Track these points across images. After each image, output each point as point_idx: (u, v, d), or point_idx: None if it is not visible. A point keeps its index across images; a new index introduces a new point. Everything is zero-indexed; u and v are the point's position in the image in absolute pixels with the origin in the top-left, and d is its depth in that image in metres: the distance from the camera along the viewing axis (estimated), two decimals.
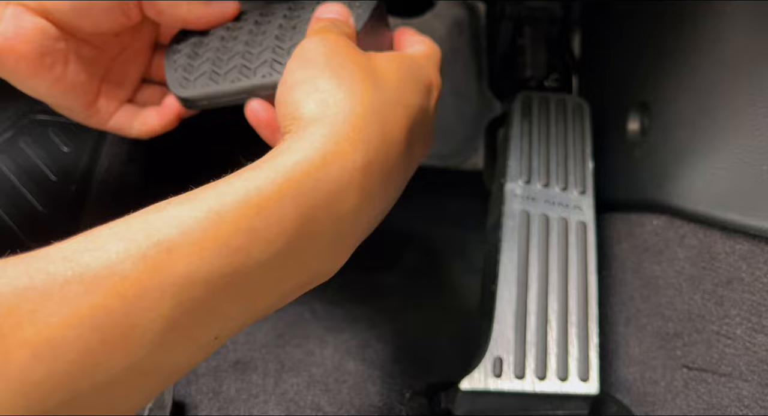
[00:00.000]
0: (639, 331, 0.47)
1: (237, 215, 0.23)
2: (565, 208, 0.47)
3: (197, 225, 0.22)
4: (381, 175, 0.29)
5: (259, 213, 0.24)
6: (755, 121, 0.38)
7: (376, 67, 0.32)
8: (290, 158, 0.26)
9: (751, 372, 0.38)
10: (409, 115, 0.31)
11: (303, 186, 0.25)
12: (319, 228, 0.26)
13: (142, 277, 0.21)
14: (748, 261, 0.38)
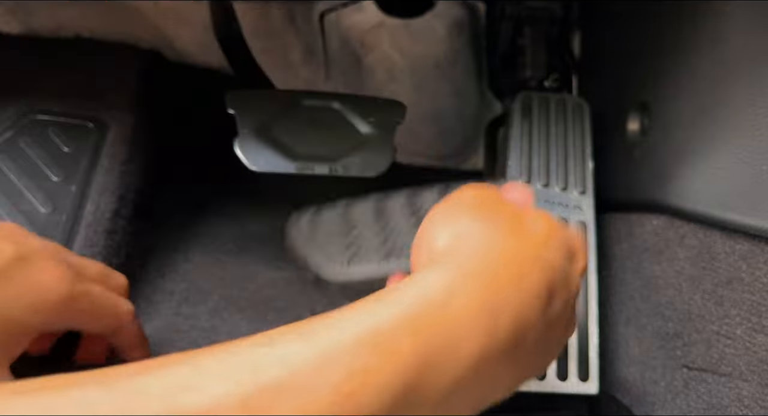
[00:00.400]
0: (639, 331, 0.47)
1: (351, 355, 0.21)
2: (565, 207, 0.47)
3: (308, 367, 0.20)
4: (513, 329, 0.25)
5: (373, 351, 0.21)
6: (755, 121, 0.38)
7: (524, 219, 0.30)
8: (412, 291, 0.24)
9: (751, 372, 0.38)
10: (549, 274, 0.28)
11: (421, 320, 0.23)
12: (438, 373, 0.23)
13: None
14: (748, 261, 0.38)
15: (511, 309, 0.25)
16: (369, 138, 0.47)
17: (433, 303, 0.23)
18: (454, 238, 0.27)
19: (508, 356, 0.25)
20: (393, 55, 0.67)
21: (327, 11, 0.66)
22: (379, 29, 0.66)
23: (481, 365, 0.24)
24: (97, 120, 0.57)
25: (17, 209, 0.51)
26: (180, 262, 0.56)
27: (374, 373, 0.21)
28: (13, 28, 0.61)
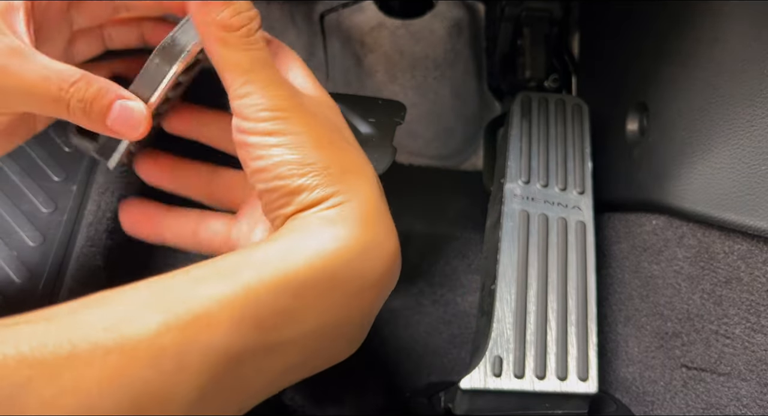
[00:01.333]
0: (638, 331, 0.47)
1: (274, 297, 0.23)
2: (564, 208, 0.47)
3: (235, 302, 0.23)
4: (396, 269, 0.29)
5: (295, 298, 0.24)
6: (753, 121, 0.38)
7: (334, 121, 0.32)
8: (330, 244, 0.25)
9: (749, 372, 0.38)
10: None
11: (342, 275, 0.25)
12: (352, 315, 0.26)
13: (180, 350, 0.21)
14: (747, 261, 0.38)
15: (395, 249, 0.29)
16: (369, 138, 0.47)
17: (351, 256, 0.26)
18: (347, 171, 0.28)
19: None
20: (393, 56, 0.67)
21: (327, 12, 0.66)
22: (380, 30, 0.66)
23: (380, 302, 0.28)
24: None
25: (18, 209, 0.51)
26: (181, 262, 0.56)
27: (295, 313, 0.24)
28: None
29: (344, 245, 0.25)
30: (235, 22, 0.27)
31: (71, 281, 0.47)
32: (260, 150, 0.27)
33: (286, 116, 0.27)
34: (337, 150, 0.29)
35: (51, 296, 0.46)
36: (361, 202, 0.27)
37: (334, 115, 0.32)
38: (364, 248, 0.26)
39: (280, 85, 0.28)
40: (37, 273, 0.47)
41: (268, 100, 0.27)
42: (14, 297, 0.46)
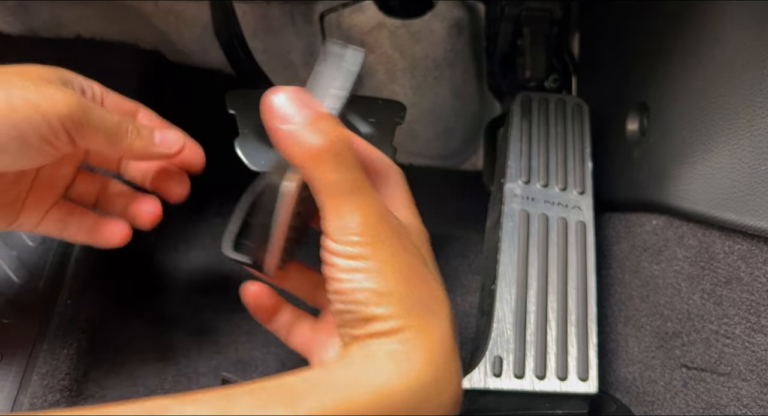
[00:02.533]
0: (638, 331, 0.47)
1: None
2: (564, 207, 0.47)
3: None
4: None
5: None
6: (753, 122, 0.38)
7: (421, 248, 0.31)
8: (393, 381, 0.26)
9: (749, 372, 0.38)
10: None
11: (400, 413, 0.25)
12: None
13: None
14: (747, 261, 0.38)
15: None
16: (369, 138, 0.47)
17: (402, 398, 0.25)
18: (403, 310, 0.28)
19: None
20: (393, 56, 0.67)
21: (327, 12, 0.66)
22: (380, 30, 0.66)
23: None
24: None
25: None
26: (181, 262, 0.56)
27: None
28: (15, 28, 0.61)
29: (406, 383, 0.26)
30: (324, 146, 0.28)
31: (71, 281, 0.47)
32: (342, 272, 0.27)
33: (372, 242, 0.27)
34: (418, 282, 0.29)
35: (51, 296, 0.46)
36: (432, 340, 0.27)
37: (422, 245, 0.31)
38: (425, 389, 0.26)
39: (372, 209, 0.28)
40: (37, 273, 0.47)
41: (357, 225, 0.27)
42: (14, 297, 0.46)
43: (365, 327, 0.27)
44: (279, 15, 0.67)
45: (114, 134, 0.35)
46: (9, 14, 0.60)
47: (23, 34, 0.61)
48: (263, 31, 0.67)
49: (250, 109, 0.46)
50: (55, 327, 0.45)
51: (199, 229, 0.59)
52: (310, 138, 0.28)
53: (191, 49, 0.67)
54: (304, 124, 0.28)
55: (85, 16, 0.62)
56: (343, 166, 0.28)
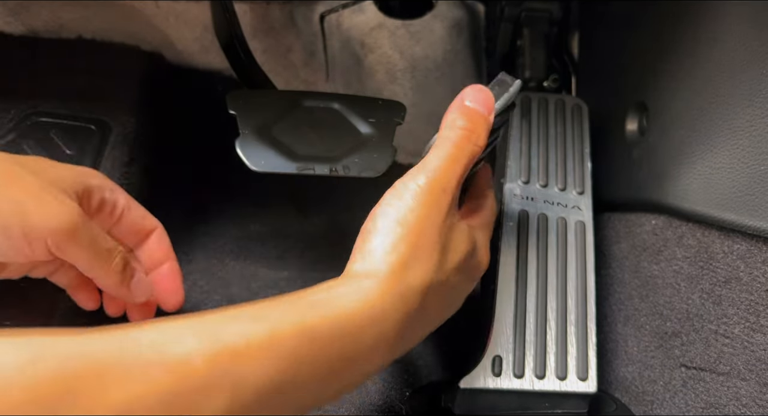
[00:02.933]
0: (637, 330, 0.47)
1: (293, 342, 0.27)
2: (563, 207, 0.47)
3: (260, 342, 0.26)
4: (409, 344, 0.34)
5: (310, 345, 0.28)
6: (753, 122, 0.38)
7: (453, 240, 0.35)
8: (341, 306, 0.29)
9: (749, 371, 0.38)
10: (453, 300, 0.37)
11: (351, 335, 0.29)
12: (346, 371, 0.30)
13: (208, 373, 0.24)
14: (746, 260, 0.39)
15: (411, 331, 0.32)
16: (369, 138, 0.47)
17: (361, 321, 0.29)
18: (390, 264, 0.32)
19: (397, 354, 0.33)
20: (393, 56, 0.67)
21: (327, 12, 0.67)
22: (380, 30, 0.66)
23: (381, 367, 0.32)
24: (100, 122, 0.57)
25: None
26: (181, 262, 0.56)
27: (309, 358, 0.27)
28: (15, 28, 0.61)
29: (356, 310, 0.30)
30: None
31: None
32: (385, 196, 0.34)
33: (420, 196, 0.34)
34: (423, 251, 0.33)
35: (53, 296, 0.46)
36: (391, 286, 0.31)
37: (458, 238, 0.35)
38: (370, 319, 0.30)
39: (433, 187, 0.35)
40: None
41: (414, 188, 0.35)
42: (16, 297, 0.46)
43: (357, 256, 0.32)
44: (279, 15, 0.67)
45: (97, 259, 0.37)
46: (9, 15, 0.61)
47: (24, 34, 0.61)
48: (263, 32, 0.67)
49: (250, 109, 0.47)
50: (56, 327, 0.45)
51: (199, 230, 0.59)
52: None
53: (192, 50, 0.67)
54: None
55: (86, 17, 0.62)
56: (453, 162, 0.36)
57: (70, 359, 0.22)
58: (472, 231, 0.37)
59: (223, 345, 0.25)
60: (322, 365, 0.28)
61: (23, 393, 0.21)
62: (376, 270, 0.31)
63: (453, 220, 0.35)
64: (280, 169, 0.44)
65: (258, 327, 0.27)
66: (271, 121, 0.47)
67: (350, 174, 0.45)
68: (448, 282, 0.34)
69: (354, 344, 0.29)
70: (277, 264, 0.55)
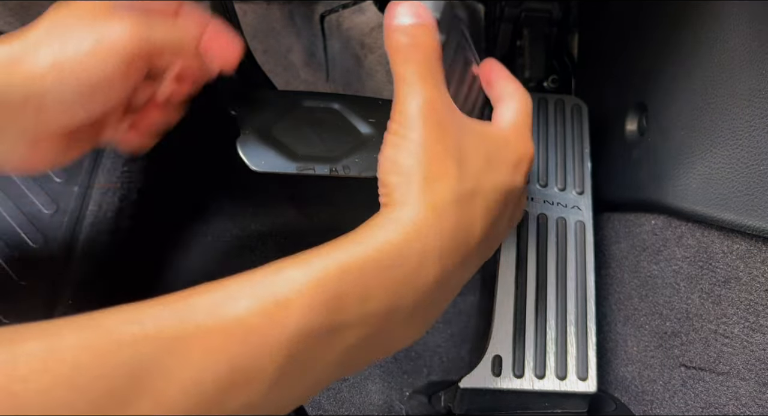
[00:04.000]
0: (637, 330, 0.47)
1: (337, 281, 0.27)
2: (563, 207, 0.47)
3: (306, 288, 0.26)
4: (458, 256, 0.32)
5: (353, 282, 0.28)
6: (752, 122, 0.38)
7: (466, 147, 0.33)
8: (380, 237, 0.29)
9: (748, 371, 0.38)
10: (490, 202, 0.34)
11: (385, 262, 0.29)
12: (401, 298, 0.29)
13: (264, 330, 0.25)
14: (746, 260, 0.39)
15: (457, 244, 0.31)
16: (369, 138, 0.47)
17: (393, 247, 0.29)
18: (406, 192, 0.31)
19: (457, 275, 0.32)
20: None
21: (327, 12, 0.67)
22: (380, 30, 0.66)
23: (436, 291, 0.31)
24: None
25: (20, 210, 0.51)
26: (181, 262, 0.56)
27: (353, 296, 0.27)
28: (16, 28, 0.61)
29: (388, 238, 0.29)
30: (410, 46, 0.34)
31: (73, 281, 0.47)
32: (385, 146, 0.33)
33: (411, 125, 0.33)
34: (437, 166, 0.32)
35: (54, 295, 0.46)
36: (419, 215, 0.31)
37: (472, 142, 0.34)
38: (406, 242, 0.29)
39: (426, 100, 0.33)
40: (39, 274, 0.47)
41: (403, 109, 0.33)
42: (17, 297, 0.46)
43: (383, 196, 0.32)
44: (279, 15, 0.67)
45: (179, 50, 0.35)
46: (10, 14, 0.61)
47: None
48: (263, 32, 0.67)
49: (250, 109, 0.47)
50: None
51: (199, 230, 0.59)
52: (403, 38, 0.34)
53: None
54: (409, 29, 0.34)
55: None
56: (418, 64, 0.34)
57: (137, 343, 0.23)
58: (491, 129, 0.36)
59: (273, 298, 0.26)
60: (365, 300, 0.28)
61: (99, 385, 0.21)
62: (402, 200, 0.31)
63: (459, 128, 0.33)
64: (280, 169, 0.44)
65: (302, 273, 0.27)
66: (272, 121, 0.47)
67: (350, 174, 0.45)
68: (480, 190, 0.33)
69: (400, 268, 0.29)
70: None
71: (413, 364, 0.49)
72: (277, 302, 0.26)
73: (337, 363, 0.28)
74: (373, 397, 0.46)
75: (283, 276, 0.27)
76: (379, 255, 0.29)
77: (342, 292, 0.27)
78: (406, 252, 0.29)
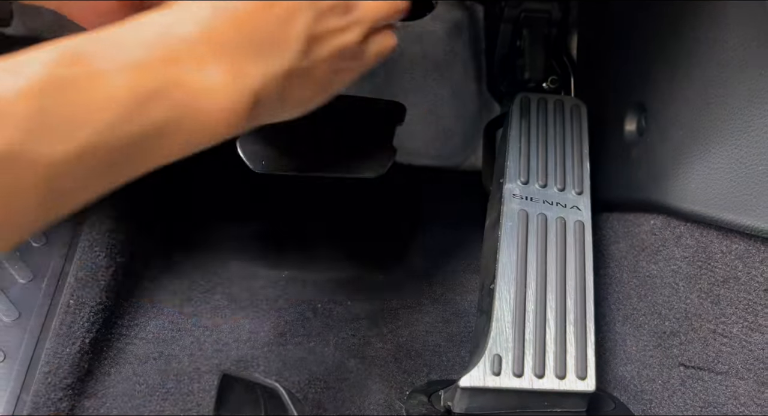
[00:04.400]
0: (636, 330, 0.47)
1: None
2: (563, 207, 0.47)
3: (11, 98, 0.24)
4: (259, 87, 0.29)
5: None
6: (750, 122, 0.39)
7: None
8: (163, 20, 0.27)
9: (747, 371, 0.38)
10: (310, 21, 0.31)
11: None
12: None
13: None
14: (744, 260, 0.39)
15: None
16: (369, 138, 0.48)
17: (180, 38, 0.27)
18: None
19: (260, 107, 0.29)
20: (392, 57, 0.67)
21: None
22: None
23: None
24: None
25: None
26: (182, 261, 0.56)
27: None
28: (17, 29, 0.61)
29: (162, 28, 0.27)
30: None
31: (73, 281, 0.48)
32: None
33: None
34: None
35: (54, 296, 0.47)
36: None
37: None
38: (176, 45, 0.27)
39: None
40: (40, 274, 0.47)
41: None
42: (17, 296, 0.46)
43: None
44: None
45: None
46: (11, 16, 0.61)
47: (26, 35, 0.62)
48: None
49: None
50: (57, 327, 0.45)
51: (199, 229, 0.59)
52: None
53: None
54: None
55: None
56: None
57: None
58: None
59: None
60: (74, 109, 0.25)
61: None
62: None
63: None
64: (280, 169, 0.44)
65: (12, 80, 0.24)
66: None
67: (350, 174, 0.45)
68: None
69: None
70: (277, 264, 0.56)
71: (413, 363, 0.49)
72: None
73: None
74: (373, 396, 0.46)
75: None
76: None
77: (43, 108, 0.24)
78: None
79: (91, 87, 0.25)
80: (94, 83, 0.25)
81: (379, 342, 0.50)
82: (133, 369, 0.47)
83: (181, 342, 0.49)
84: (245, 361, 0.48)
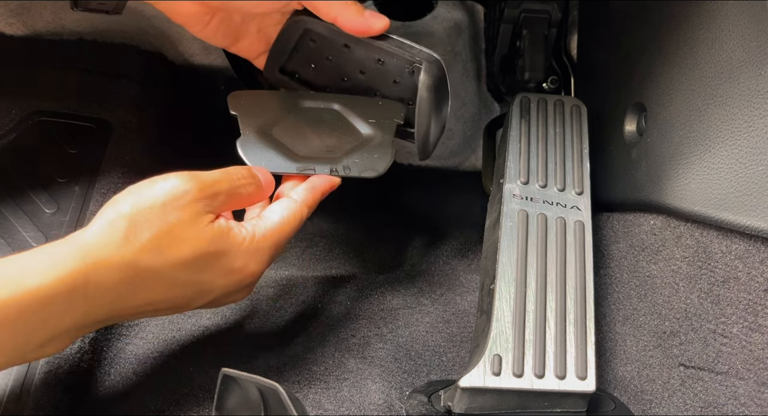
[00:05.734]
0: (636, 330, 0.47)
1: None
2: (563, 208, 0.47)
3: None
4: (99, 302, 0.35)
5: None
6: (750, 122, 0.39)
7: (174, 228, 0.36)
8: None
9: (747, 371, 0.38)
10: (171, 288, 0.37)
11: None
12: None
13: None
14: (744, 260, 0.39)
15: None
16: (369, 138, 0.48)
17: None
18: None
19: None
20: None
21: None
22: None
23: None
24: (101, 121, 0.57)
25: (21, 209, 0.51)
26: None
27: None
28: (17, 29, 0.62)
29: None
30: None
31: None
32: None
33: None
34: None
35: None
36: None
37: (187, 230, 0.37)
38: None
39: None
40: None
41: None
42: None
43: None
44: None
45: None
46: (11, 16, 0.61)
47: (26, 35, 0.62)
48: None
49: (251, 109, 0.47)
50: None
51: None
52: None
53: (192, 50, 0.67)
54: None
55: (87, 18, 0.62)
56: None
57: None
58: (230, 231, 0.39)
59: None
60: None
61: None
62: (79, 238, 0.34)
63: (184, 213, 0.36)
64: (280, 169, 0.44)
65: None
66: (272, 121, 0.47)
67: (350, 174, 0.45)
68: (145, 264, 0.35)
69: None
70: (277, 264, 0.56)
71: (413, 364, 0.49)
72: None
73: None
74: (373, 397, 0.46)
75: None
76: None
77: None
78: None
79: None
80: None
81: (379, 342, 0.50)
82: (133, 369, 0.47)
83: (181, 342, 0.49)
84: (245, 361, 0.48)
